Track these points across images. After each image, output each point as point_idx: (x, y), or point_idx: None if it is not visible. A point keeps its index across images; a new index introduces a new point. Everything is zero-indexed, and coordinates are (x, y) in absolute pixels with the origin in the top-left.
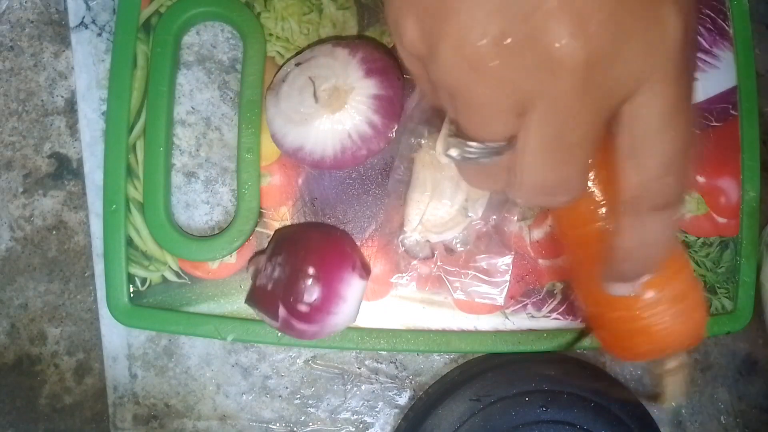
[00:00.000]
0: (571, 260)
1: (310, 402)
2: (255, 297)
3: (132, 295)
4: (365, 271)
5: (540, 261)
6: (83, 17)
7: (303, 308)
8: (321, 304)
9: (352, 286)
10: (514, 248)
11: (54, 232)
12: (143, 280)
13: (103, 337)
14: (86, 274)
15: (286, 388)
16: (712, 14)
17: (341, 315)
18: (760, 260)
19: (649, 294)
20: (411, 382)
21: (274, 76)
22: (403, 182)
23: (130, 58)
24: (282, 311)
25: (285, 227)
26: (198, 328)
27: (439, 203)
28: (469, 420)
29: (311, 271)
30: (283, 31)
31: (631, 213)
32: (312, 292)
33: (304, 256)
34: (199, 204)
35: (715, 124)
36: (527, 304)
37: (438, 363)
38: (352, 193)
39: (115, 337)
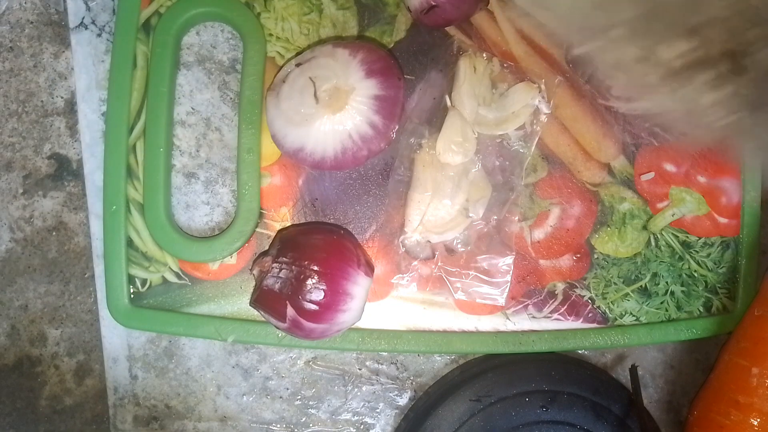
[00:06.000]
0: None
1: (310, 403)
2: (261, 299)
3: (132, 296)
4: (369, 268)
5: (541, 261)
6: (83, 18)
7: (311, 307)
8: (329, 302)
9: (359, 283)
10: (515, 249)
11: (54, 233)
12: (143, 281)
13: (104, 338)
14: (86, 276)
15: (287, 389)
16: None
17: (349, 312)
18: None
19: None
20: (412, 383)
21: (275, 77)
22: (404, 182)
23: (130, 59)
24: (290, 311)
25: (288, 228)
26: (198, 330)
27: (439, 203)
28: (469, 420)
29: (318, 269)
30: (284, 32)
31: None
32: (320, 291)
33: (310, 255)
34: (199, 205)
35: None
36: (528, 304)
37: (439, 363)
38: (353, 193)
39: (116, 338)
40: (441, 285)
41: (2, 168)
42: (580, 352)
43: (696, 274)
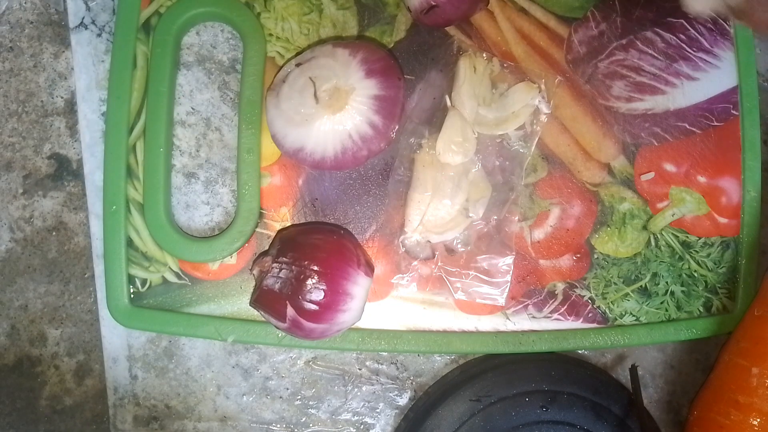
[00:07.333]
0: None
1: (310, 403)
2: (261, 299)
3: (132, 296)
4: (369, 268)
5: (541, 261)
6: (83, 18)
7: (311, 307)
8: (329, 302)
9: (359, 283)
10: (515, 249)
11: (54, 233)
12: (143, 281)
13: (104, 338)
14: (86, 276)
15: (287, 389)
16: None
17: (349, 312)
18: None
19: None
20: (412, 383)
21: (275, 77)
22: (404, 183)
23: (130, 59)
24: (290, 311)
25: (288, 228)
26: (198, 330)
27: (439, 203)
28: (469, 420)
29: (318, 269)
30: (283, 32)
31: None
32: (320, 291)
33: (311, 255)
34: (199, 205)
35: (716, 123)
36: (528, 304)
37: (439, 363)
38: (353, 193)
39: (116, 338)
40: (441, 285)
41: (2, 168)
42: (580, 352)
43: (696, 274)
